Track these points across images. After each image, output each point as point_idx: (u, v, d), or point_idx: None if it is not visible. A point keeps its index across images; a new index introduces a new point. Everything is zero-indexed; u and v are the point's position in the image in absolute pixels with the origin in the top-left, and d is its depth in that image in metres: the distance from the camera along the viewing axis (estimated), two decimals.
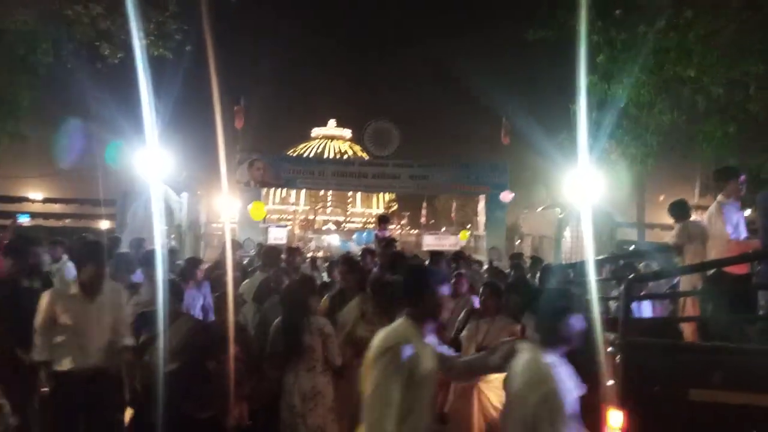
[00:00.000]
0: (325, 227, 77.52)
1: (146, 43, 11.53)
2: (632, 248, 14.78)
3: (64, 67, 12.61)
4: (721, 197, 5.88)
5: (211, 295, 6.59)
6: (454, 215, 40.69)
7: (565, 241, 16.37)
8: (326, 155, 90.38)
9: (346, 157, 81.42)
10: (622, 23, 9.73)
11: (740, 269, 5.33)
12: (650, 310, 6.48)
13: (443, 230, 30.11)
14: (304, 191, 69.44)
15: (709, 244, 5.82)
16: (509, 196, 21.01)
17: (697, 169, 16.38)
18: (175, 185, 15.97)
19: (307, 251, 33.36)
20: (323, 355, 4.71)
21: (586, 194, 12.28)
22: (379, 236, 9.73)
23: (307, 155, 74.57)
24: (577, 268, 7.59)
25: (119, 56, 12.18)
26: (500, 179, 20.01)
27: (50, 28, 11.82)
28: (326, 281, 8.65)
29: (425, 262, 8.03)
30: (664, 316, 6.65)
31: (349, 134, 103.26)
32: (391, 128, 20.43)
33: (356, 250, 12.16)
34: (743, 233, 5.85)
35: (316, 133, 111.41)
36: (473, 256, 12.34)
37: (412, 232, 62.24)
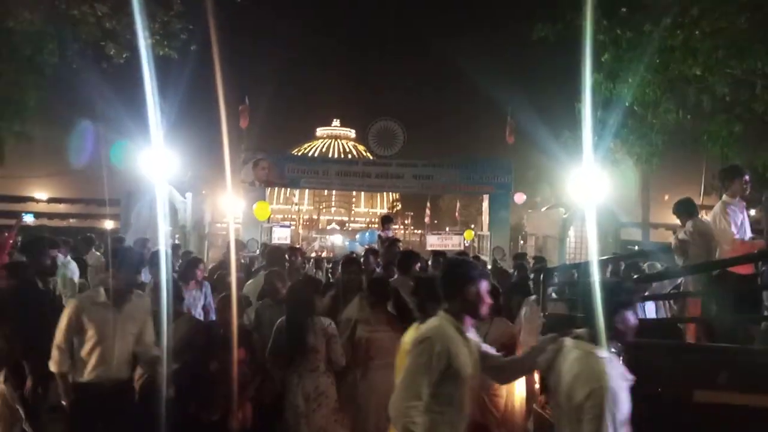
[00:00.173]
0: (329, 227, 77.72)
1: (151, 42, 11.54)
2: (636, 248, 14.76)
3: (69, 67, 12.65)
4: (726, 197, 5.85)
5: (212, 295, 6.61)
6: (458, 215, 40.66)
7: (569, 241, 16.34)
8: (331, 155, 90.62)
9: (350, 156, 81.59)
10: (627, 22, 9.68)
11: (745, 269, 5.30)
12: (654, 310, 6.44)
13: (447, 230, 30.12)
14: (307, 191, 69.58)
15: (713, 243, 5.79)
16: (522, 197, 20.99)
17: (701, 168, 16.30)
18: (179, 185, 16.02)
19: (310, 251, 33.52)
20: (327, 355, 4.70)
21: (590, 194, 12.25)
22: (382, 236, 9.74)
23: (311, 155, 74.60)
24: (581, 268, 7.56)
25: (125, 56, 12.20)
26: (504, 179, 19.96)
27: (56, 28, 11.86)
28: (329, 281, 8.66)
29: (427, 262, 8.03)
30: (668, 316, 6.62)
31: (353, 133, 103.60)
32: (395, 127, 20.39)
33: (361, 250, 12.15)
34: (748, 233, 5.82)
35: (320, 132, 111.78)
36: (481, 256, 12.28)
37: (416, 232, 62.33)
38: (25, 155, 18.64)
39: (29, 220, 14.27)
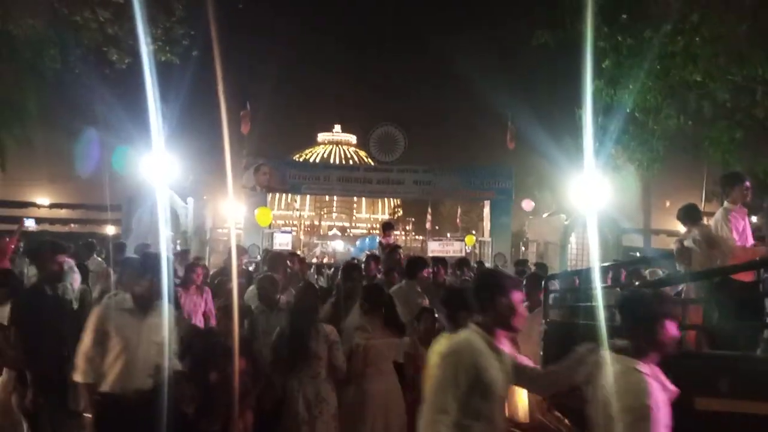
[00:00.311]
0: (330, 233, 77.75)
1: (153, 48, 11.57)
2: (638, 254, 14.75)
3: (71, 72, 12.68)
4: (727, 203, 5.84)
5: (212, 301, 6.60)
6: (459, 221, 40.64)
7: (570, 247, 16.32)
8: (332, 160, 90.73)
9: (351, 162, 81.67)
10: (628, 29, 9.70)
11: (746, 276, 5.28)
12: None
13: (448, 236, 30.10)
14: (309, 196, 69.63)
15: (717, 251, 5.77)
16: (530, 204, 20.98)
17: (703, 174, 16.31)
18: (181, 190, 16.04)
19: (312, 257, 33.49)
20: (328, 362, 4.69)
21: (591, 200, 12.26)
22: (383, 243, 9.73)
23: (313, 160, 74.66)
24: (582, 274, 7.55)
25: (127, 61, 12.23)
26: (505, 185, 19.94)
27: (58, 33, 11.88)
28: (327, 287, 8.67)
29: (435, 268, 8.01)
30: None
31: (354, 139, 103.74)
32: (396, 133, 20.40)
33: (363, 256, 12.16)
34: (750, 240, 5.81)
35: (322, 138, 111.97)
36: (485, 263, 12.23)
37: (417, 238, 62.30)
38: (26, 160, 18.70)
39: (31, 225, 14.26)
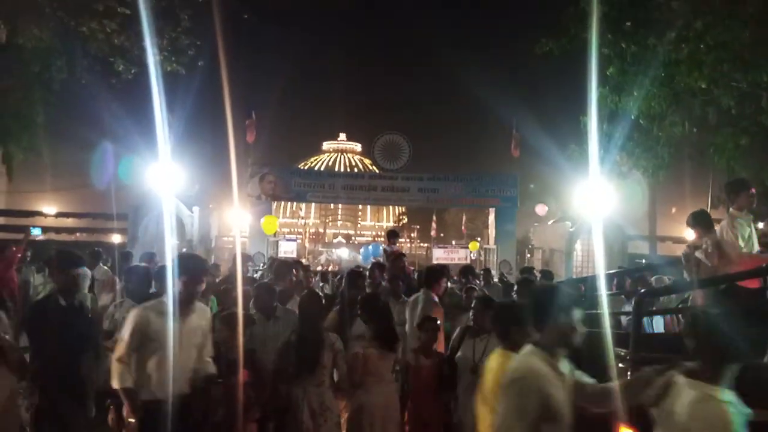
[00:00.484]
0: (335, 240, 77.74)
1: (159, 58, 11.66)
2: (644, 261, 14.69)
3: (78, 83, 12.78)
4: (733, 210, 5.82)
5: (217, 309, 6.58)
6: (464, 228, 40.57)
7: (576, 254, 16.30)
8: (337, 168, 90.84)
9: (356, 170, 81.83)
10: (632, 36, 9.71)
11: (753, 283, 5.26)
12: (662, 325, 6.39)
13: (453, 243, 30.04)
14: (314, 204, 69.59)
15: (724, 260, 5.72)
16: (544, 209, 20.96)
17: (708, 181, 16.26)
18: (186, 199, 16.11)
19: (317, 265, 33.47)
20: (331, 370, 4.70)
21: (597, 207, 12.24)
22: (387, 251, 9.74)
23: (317, 168, 74.79)
24: (588, 282, 7.52)
25: (133, 72, 12.32)
26: (510, 192, 19.94)
27: (65, 44, 11.99)
28: (332, 294, 8.67)
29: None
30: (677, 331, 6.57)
31: (359, 147, 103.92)
32: (400, 141, 20.44)
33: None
34: (756, 246, 5.79)
35: (326, 146, 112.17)
36: (492, 271, 12.19)
37: (422, 245, 62.20)
38: (33, 170, 18.79)
39: (37, 234, 14.34)
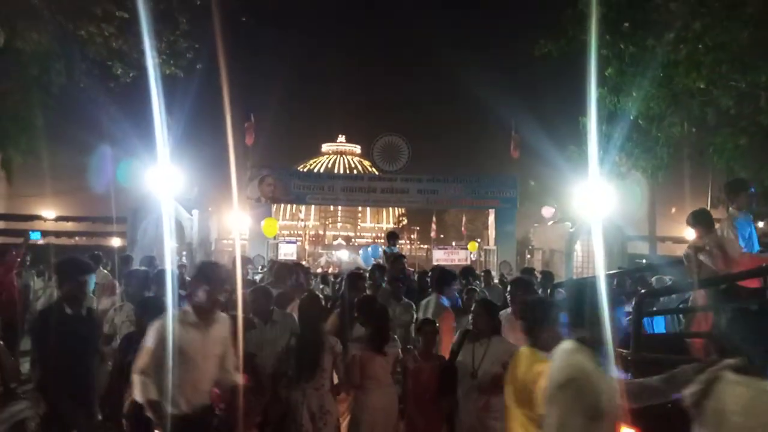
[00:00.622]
0: (335, 242, 77.74)
1: (158, 61, 11.66)
2: (644, 262, 14.68)
3: (77, 86, 12.78)
4: (732, 210, 5.82)
5: None
6: (464, 229, 40.60)
7: (576, 255, 16.29)
8: (336, 170, 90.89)
9: (355, 172, 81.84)
10: (630, 37, 9.72)
11: (753, 283, 5.26)
12: (663, 325, 6.39)
13: (453, 245, 30.07)
14: (313, 207, 69.63)
15: (727, 258, 5.72)
16: (550, 211, 20.96)
17: (707, 181, 16.25)
18: (185, 202, 16.10)
19: (317, 267, 33.48)
20: (331, 373, 4.69)
21: (596, 208, 12.24)
22: (387, 252, 9.75)
23: (317, 170, 74.78)
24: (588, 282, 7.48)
25: (131, 75, 12.33)
26: (510, 193, 19.96)
27: (63, 48, 11.99)
28: (333, 296, 8.67)
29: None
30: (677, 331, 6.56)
31: (358, 149, 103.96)
32: (400, 143, 20.45)
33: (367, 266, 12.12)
34: (756, 246, 5.79)
35: (326, 148, 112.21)
36: (492, 272, 12.17)
37: (422, 246, 62.25)
38: (32, 174, 18.78)
39: (36, 238, 14.33)
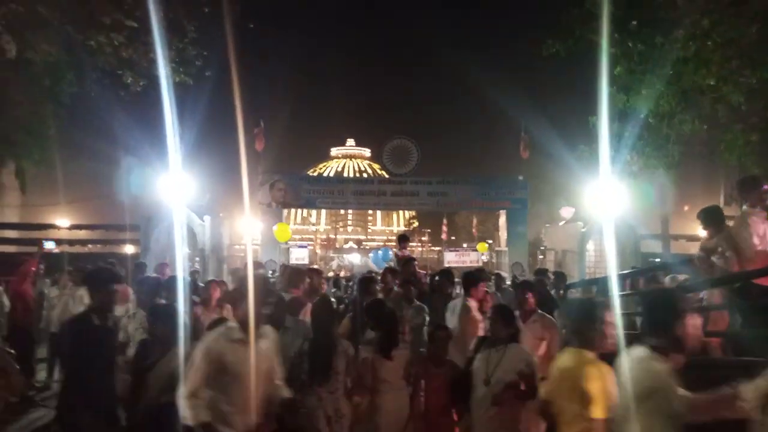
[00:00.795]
0: (346, 246, 77.86)
1: (167, 70, 11.75)
2: (657, 260, 14.56)
3: (88, 96, 12.91)
4: (746, 207, 5.76)
5: None
6: (475, 231, 40.52)
7: (588, 254, 16.20)
8: (346, 174, 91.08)
9: (365, 175, 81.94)
10: (638, 35, 9.69)
11: (766, 281, 5.20)
12: None
13: (465, 246, 30.01)
14: (324, 211, 69.73)
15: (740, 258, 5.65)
16: (570, 211, 20.87)
17: (720, 178, 16.12)
18: (197, 209, 16.18)
19: (328, 270, 33.57)
20: (345, 377, 4.69)
21: (608, 207, 12.15)
22: (398, 255, 9.73)
23: (327, 174, 74.95)
24: (600, 282, 7.47)
25: (141, 84, 12.44)
26: (520, 194, 19.89)
27: (74, 58, 12.12)
28: (346, 299, 8.69)
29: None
30: None
31: (368, 152, 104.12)
32: (409, 145, 20.43)
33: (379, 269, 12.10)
34: None
35: (335, 152, 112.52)
36: (502, 273, 12.11)
37: (433, 248, 62.15)
38: (45, 183, 18.97)
39: (51, 247, 14.46)
